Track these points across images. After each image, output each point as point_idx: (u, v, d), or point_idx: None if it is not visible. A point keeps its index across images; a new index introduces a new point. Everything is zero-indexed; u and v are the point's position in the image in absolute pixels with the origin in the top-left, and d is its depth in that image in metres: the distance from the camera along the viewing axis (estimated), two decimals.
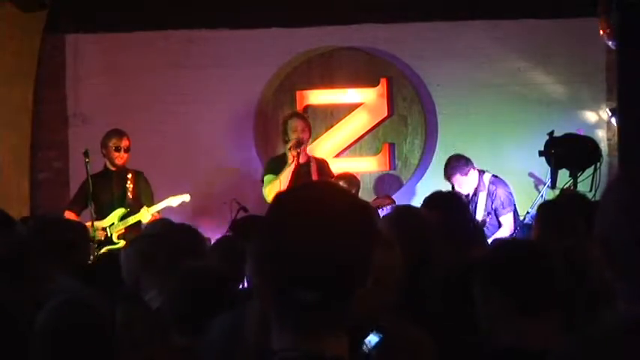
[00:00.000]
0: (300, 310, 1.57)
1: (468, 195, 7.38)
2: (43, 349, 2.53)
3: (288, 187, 7.10)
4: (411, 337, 2.44)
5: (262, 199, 7.49)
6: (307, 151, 7.47)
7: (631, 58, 6.91)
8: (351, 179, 7.45)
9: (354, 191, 7.12)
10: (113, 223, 7.24)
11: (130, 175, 7.36)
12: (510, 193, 7.47)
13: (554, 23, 8.52)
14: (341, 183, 7.15)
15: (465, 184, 7.36)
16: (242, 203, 7.57)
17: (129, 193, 7.32)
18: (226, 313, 3.01)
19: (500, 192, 7.43)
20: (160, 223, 5.33)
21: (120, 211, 7.26)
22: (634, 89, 6.96)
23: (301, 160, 7.32)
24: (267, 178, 7.41)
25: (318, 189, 1.71)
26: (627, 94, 7.12)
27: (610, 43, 7.27)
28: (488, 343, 2.51)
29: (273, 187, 7.12)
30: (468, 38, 8.60)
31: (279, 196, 1.68)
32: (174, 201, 7.33)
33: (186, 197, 7.36)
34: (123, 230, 7.25)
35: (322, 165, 7.49)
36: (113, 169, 7.39)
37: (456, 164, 7.40)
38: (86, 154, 7.19)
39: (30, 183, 8.64)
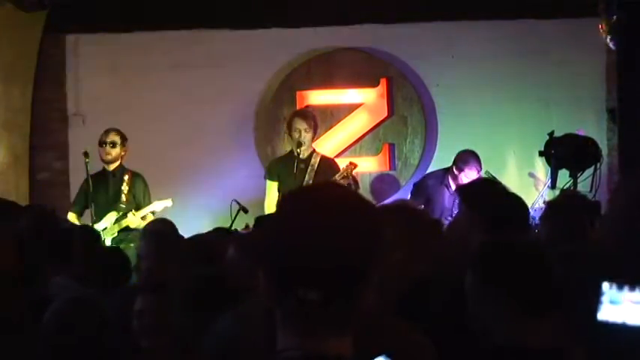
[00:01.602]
0: (303, 309, 1.57)
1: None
2: (47, 348, 2.54)
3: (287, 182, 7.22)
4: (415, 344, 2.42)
5: (263, 199, 7.54)
6: (313, 147, 7.54)
7: (631, 58, 6.93)
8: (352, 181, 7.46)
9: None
10: (106, 227, 7.15)
11: (126, 177, 7.31)
12: None
13: (554, 23, 8.52)
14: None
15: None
16: (242, 203, 7.57)
17: (123, 196, 7.24)
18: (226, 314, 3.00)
19: None
20: (164, 221, 5.28)
21: (113, 214, 7.18)
22: (634, 89, 6.97)
23: (303, 156, 7.37)
24: (270, 185, 7.56)
25: (323, 189, 1.71)
26: (627, 94, 7.13)
27: (610, 43, 7.28)
28: (486, 343, 2.51)
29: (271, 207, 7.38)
30: (468, 38, 8.60)
31: (285, 196, 1.70)
32: (158, 206, 7.22)
33: (169, 202, 7.23)
34: (115, 234, 7.17)
35: (326, 163, 7.50)
36: (110, 168, 7.35)
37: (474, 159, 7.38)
38: (86, 154, 7.18)
39: (30, 183, 8.64)
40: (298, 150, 7.32)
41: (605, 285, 2.75)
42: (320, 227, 1.58)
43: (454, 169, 7.36)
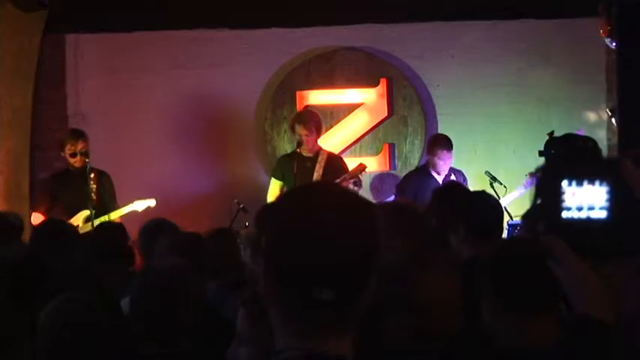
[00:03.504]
0: (303, 308, 1.57)
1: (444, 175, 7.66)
2: (44, 348, 2.54)
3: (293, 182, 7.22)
4: None
5: (263, 199, 7.52)
6: (318, 144, 7.56)
7: (631, 58, 6.92)
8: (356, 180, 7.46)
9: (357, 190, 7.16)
10: (78, 225, 7.01)
11: (92, 175, 7.20)
12: None
13: (554, 23, 8.53)
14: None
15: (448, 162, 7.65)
16: (242, 203, 7.58)
17: (93, 194, 7.15)
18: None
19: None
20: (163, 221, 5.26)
21: (84, 213, 7.09)
22: (634, 89, 6.96)
23: (309, 154, 7.39)
24: (273, 183, 7.57)
25: (322, 188, 1.72)
26: (627, 94, 7.13)
27: (610, 43, 7.28)
28: (488, 342, 2.51)
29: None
30: (468, 38, 8.60)
31: (284, 195, 1.70)
32: (139, 205, 7.17)
33: (152, 202, 7.19)
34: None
35: (332, 160, 7.51)
36: (76, 166, 7.24)
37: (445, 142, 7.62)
38: (86, 154, 7.17)
39: (30, 183, 8.63)
40: (298, 149, 7.36)
41: None
42: (320, 227, 1.58)
43: (433, 158, 7.59)
